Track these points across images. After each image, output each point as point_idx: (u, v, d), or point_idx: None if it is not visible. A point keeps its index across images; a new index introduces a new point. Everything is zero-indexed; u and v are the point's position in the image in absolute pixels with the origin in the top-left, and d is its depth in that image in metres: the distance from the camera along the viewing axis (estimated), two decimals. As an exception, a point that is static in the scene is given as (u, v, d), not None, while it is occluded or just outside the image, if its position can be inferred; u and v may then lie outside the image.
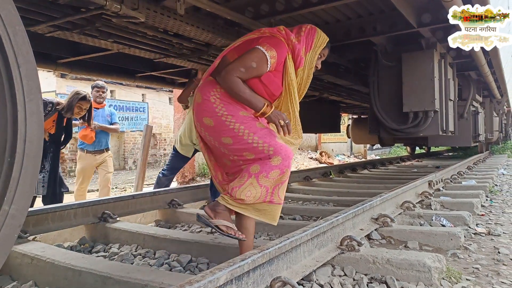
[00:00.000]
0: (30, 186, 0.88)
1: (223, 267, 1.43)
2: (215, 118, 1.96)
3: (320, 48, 2.23)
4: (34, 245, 2.35)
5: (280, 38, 2.06)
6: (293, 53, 2.08)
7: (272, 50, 1.96)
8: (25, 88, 0.84)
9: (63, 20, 2.22)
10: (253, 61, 1.93)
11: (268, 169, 1.92)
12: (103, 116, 4.78)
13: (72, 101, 3.73)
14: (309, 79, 2.24)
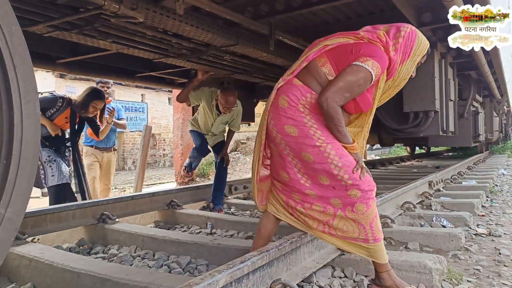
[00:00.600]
0: (26, 189, 0.86)
1: (223, 270, 1.41)
2: (301, 129, 1.76)
3: (420, 56, 1.95)
4: (32, 247, 2.34)
5: (380, 47, 1.80)
6: (389, 65, 1.83)
7: (378, 66, 1.73)
8: (21, 90, 0.83)
9: (62, 20, 2.21)
10: (359, 84, 1.72)
11: (350, 202, 1.77)
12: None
13: (88, 100, 3.61)
14: (396, 89, 2.04)
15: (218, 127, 4.02)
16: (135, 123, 14.13)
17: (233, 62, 3.75)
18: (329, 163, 1.74)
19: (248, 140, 14.40)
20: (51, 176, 3.52)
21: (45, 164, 3.52)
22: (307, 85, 1.80)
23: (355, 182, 1.75)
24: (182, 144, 9.81)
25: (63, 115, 3.61)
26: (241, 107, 4.03)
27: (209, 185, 4.54)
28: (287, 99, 1.79)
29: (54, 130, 3.55)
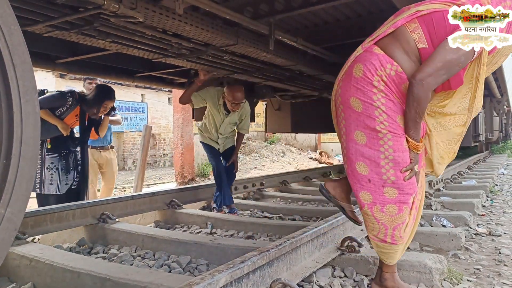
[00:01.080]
0: (26, 189, 0.86)
1: (223, 269, 1.41)
2: (367, 106, 1.58)
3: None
4: (32, 247, 2.34)
5: None
6: None
7: None
8: (21, 89, 0.83)
9: (61, 20, 2.21)
10: (460, 62, 1.53)
11: (382, 201, 1.63)
12: None
13: (99, 100, 3.45)
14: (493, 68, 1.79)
15: (227, 128, 3.95)
16: (135, 123, 14.12)
17: (233, 61, 3.74)
18: (381, 151, 1.58)
19: (248, 140, 14.40)
20: (48, 183, 3.42)
21: (46, 170, 3.41)
22: (389, 55, 1.60)
23: (397, 181, 1.59)
24: (182, 144, 9.81)
25: (73, 113, 3.47)
26: (249, 107, 3.96)
27: (209, 185, 4.54)
28: (363, 68, 1.60)
29: (65, 129, 3.42)
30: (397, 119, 1.58)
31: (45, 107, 3.29)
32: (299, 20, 3.61)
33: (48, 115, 3.30)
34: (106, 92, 3.53)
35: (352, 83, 1.63)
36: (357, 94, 1.61)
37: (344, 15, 3.56)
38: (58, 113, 3.40)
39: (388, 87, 1.57)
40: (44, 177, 3.40)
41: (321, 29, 3.76)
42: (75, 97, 3.43)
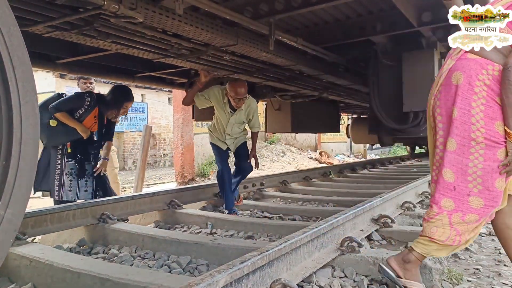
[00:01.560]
0: (26, 190, 0.86)
1: (223, 270, 1.42)
2: (463, 113, 1.56)
3: None
4: (32, 247, 2.34)
5: None
6: None
7: None
8: (20, 90, 0.83)
9: (61, 21, 2.21)
10: None
11: (465, 209, 1.58)
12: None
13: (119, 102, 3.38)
14: None
15: (234, 128, 3.84)
16: (135, 123, 14.13)
17: (233, 62, 3.75)
18: (470, 159, 1.55)
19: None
20: (68, 190, 3.35)
21: (65, 176, 3.36)
22: (484, 57, 1.59)
23: (484, 192, 1.55)
24: (182, 144, 9.81)
25: (91, 115, 3.38)
26: (255, 104, 3.86)
27: (209, 185, 4.54)
28: (463, 75, 1.58)
29: (84, 132, 3.34)
30: (495, 125, 1.53)
31: (64, 109, 3.26)
32: (299, 20, 3.61)
33: (67, 117, 3.27)
34: (125, 93, 3.47)
35: (453, 91, 1.61)
36: (457, 100, 1.58)
37: (344, 15, 3.57)
38: (77, 115, 3.34)
39: (491, 90, 1.54)
40: (63, 184, 3.35)
41: (321, 28, 3.76)
42: (93, 97, 3.36)
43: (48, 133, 3.30)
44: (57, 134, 3.31)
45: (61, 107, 3.25)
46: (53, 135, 3.32)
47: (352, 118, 11.14)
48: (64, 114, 3.25)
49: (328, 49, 3.92)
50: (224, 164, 3.94)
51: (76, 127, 3.30)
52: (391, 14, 3.39)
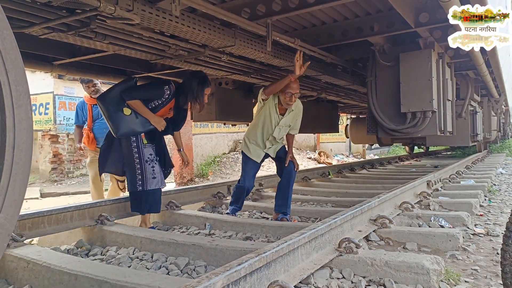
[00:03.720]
0: (19, 194, 0.86)
1: (220, 272, 1.41)
2: None
3: None
4: (30, 249, 2.34)
5: None
6: None
7: None
8: (13, 94, 0.82)
9: (57, 22, 2.20)
10: None
11: None
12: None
13: (200, 89, 3.04)
14: None
15: (281, 131, 3.52)
16: (134, 124, 14.09)
17: (231, 63, 3.75)
18: None
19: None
20: (151, 178, 3.06)
21: (146, 163, 3.06)
22: None
23: None
24: (180, 145, 9.79)
25: (167, 107, 3.11)
26: (301, 106, 3.60)
27: (207, 185, 4.54)
28: None
29: (158, 123, 3.06)
30: None
31: (138, 98, 2.97)
32: (297, 21, 3.61)
33: (140, 107, 2.98)
34: (203, 79, 3.10)
35: None
36: None
37: (342, 16, 3.56)
38: (152, 106, 3.05)
39: None
40: (146, 172, 3.07)
41: (319, 29, 3.76)
42: (172, 90, 3.05)
43: (120, 122, 2.99)
44: (131, 124, 3.00)
45: (136, 94, 2.97)
46: (126, 124, 2.99)
47: (351, 118, 11.14)
48: (138, 103, 2.96)
49: (326, 49, 3.92)
50: (250, 180, 3.69)
51: (149, 118, 3.02)
52: (389, 15, 3.40)
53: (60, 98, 11.55)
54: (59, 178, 11.28)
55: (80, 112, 4.43)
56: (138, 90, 3.02)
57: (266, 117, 3.45)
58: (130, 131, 3.02)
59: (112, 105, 2.98)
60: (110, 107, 2.97)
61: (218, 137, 13.15)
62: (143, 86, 3.10)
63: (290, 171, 3.57)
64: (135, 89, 3.02)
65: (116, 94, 2.98)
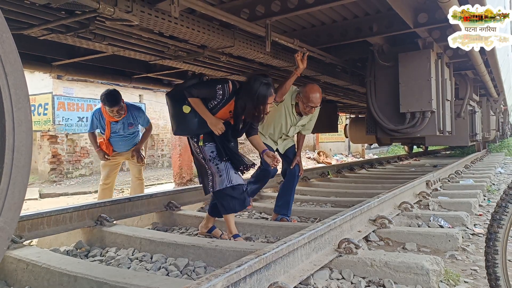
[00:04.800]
0: (19, 198, 0.85)
1: (219, 274, 1.41)
2: None
3: None
4: (29, 250, 2.34)
5: None
6: None
7: None
8: (13, 97, 0.82)
9: (57, 24, 2.20)
10: None
11: None
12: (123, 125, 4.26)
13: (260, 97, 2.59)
14: None
15: (295, 130, 3.45)
16: (133, 124, 14.07)
17: (230, 63, 3.75)
18: None
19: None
20: (218, 176, 2.74)
21: (210, 162, 2.76)
22: None
23: None
24: (180, 145, 9.80)
25: (226, 108, 2.72)
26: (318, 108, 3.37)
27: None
28: None
29: (215, 125, 2.69)
30: None
31: (197, 95, 2.68)
32: (296, 21, 3.61)
33: (198, 106, 2.68)
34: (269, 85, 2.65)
35: None
36: None
37: (341, 16, 3.57)
38: (210, 106, 2.72)
39: None
40: (212, 171, 2.78)
41: (318, 30, 3.76)
42: (226, 90, 2.66)
43: (180, 119, 2.76)
44: (189, 123, 2.74)
45: (194, 92, 2.66)
46: (184, 123, 2.75)
47: (350, 118, 11.15)
48: (197, 101, 2.66)
49: (325, 50, 3.92)
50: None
51: (206, 119, 2.69)
52: (388, 15, 3.40)
53: (59, 98, 11.54)
54: (58, 179, 11.27)
55: (96, 122, 4.28)
56: (197, 87, 2.71)
57: (282, 117, 3.37)
58: (187, 131, 2.79)
59: (176, 101, 2.77)
60: (175, 103, 2.77)
61: (217, 137, 13.12)
62: (201, 84, 2.77)
63: (294, 174, 3.52)
64: (195, 87, 2.71)
65: (180, 91, 2.75)
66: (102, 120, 4.25)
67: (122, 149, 4.47)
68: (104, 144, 4.34)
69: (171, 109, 2.82)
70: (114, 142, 4.38)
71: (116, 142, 4.38)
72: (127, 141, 4.44)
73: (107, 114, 4.15)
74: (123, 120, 4.25)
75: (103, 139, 4.35)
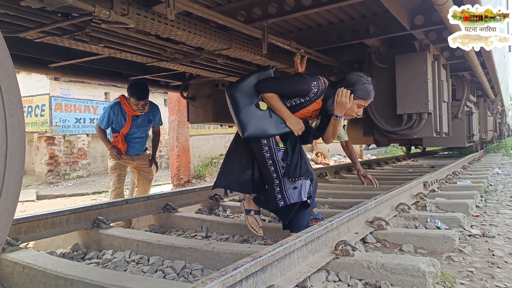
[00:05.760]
0: (12, 204, 0.85)
1: (215, 277, 1.41)
2: None
3: None
4: (25, 253, 2.33)
5: None
6: None
7: None
8: (5, 103, 0.82)
9: (52, 26, 2.20)
10: None
11: None
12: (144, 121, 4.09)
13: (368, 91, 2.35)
14: None
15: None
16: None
17: (227, 65, 3.75)
18: None
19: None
20: (292, 188, 2.41)
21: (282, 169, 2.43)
22: None
23: None
24: (178, 146, 9.79)
25: (310, 108, 2.45)
26: None
27: (204, 187, 4.52)
28: None
29: (296, 125, 2.43)
30: None
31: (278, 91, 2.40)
32: (293, 23, 3.61)
33: (276, 103, 2.40)
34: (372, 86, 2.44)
35: None
36: None
37: (338, 18, 3.57)
38: (291, 104, 2.44)
39: None
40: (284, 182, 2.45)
41: (314, 32, 3.77)
42: (320, 87, 2.37)
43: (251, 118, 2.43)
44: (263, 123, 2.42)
45: (275, 87, 2.39)
46: (257, 122, 2.42)
47: (348, 119, 11.14)
48: (275, 98, 2.39)
49: (322, 52, 3.92)
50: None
51: (285, 118, 2.41)
52: (384, 17, 3.41)
53: (56, 99, 11.53)
54: (56, 180, 11.24)
55: (112, 117, 3.94)
56: (278, 82, 2.43)
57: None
58: (261, 132, 2.43)
59: (244, 97, 2.43)
60: (242, 99, 2.43)
61: (215, 138, 13.15)
62: (286, 79, 2.50)
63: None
64: (274, 81, 2.44)
65: (250, 85, 2.45)
66: (122, 115, 3.94)
67: (134, 152, 4.21)
68: (119, 142, 4.04)
69: (237, 106, 2.45)
70: (129, 142, 4.12)
71: (131, 141, 4.13)
72: (140, 143, 4.22)
73: (129, 107, 3.88)
74: (145, 116, 4.01)
75: (118, 136, 4.04)
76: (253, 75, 2.49)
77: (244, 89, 2.46)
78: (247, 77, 2.49)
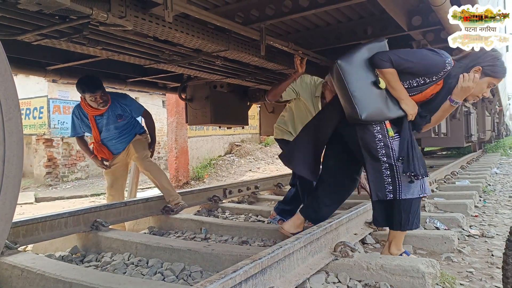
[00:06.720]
0: (10, 208, 0.85)
1: (214, 279, 1.41)
2: None
3: None
4: (24, 256, 2.32)
5: None
6: None
7: None
8: (3, 107, 0.82)
9: (50, 29, 2.19)
10: None
11: None
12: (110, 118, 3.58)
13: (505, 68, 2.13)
14: None
15: None
16: (129, 127, 14.04)
17: (225, 67, 3.75)
18: None
19: (242, 142, 14.38)
20: (407, 182, 2.12)
21: (398, 162, 2.13)
22: None
23: None
24: (176, 148, 9.78)
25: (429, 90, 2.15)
26: None
27: (203, 189, 4.52)
28: None
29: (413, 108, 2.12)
30: None
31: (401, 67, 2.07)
32: (291, 24, 3.61)
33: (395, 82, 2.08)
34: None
35: None
36: None
37: (335, 20, 3.57)
38: (410, 85, 2.11)
39: None
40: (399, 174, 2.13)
41: (312, 33, 3.77)
42: (451, 66, 2.09)
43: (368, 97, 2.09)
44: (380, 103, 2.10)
45: (399, 60, 2.06)
46: (375, 102, 2.09)
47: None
48: (395, 75, 2.06)
49: (320, 53, 3.92)
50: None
51: (402, 99, 2.10)
52: (382, 18, 3.41)
53: (54, 102, 11.50)
54: (54, 182, 11.22)
55: (78, 123, 3.62)
56: (405, 56, 2.08)
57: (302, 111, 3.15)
58: (378, 114, 2.09)
59: (357, 72, 2.10)
60: (355, 74, 2.10)
61: (213, 140, 13.14)
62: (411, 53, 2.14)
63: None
64: (398, 55, 2.08)
65: (362, 57, 2.13)
66: (84, 118, 3.57)
67: (121, 148, 3.79)
68: (96, 149, 3.69)
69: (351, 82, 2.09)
70: (108, 143, 3.71)
71: (109, 142, 3.71)
72: (123, 137, 3.75)
73: (89, 107, 3.46)
74: (109, 112, 3.54)
75: (93, 143, 3.70)
76: (364, 47, 2.16)
77: (356, 61, 2.12)
78: (358, 48, 2.16)
